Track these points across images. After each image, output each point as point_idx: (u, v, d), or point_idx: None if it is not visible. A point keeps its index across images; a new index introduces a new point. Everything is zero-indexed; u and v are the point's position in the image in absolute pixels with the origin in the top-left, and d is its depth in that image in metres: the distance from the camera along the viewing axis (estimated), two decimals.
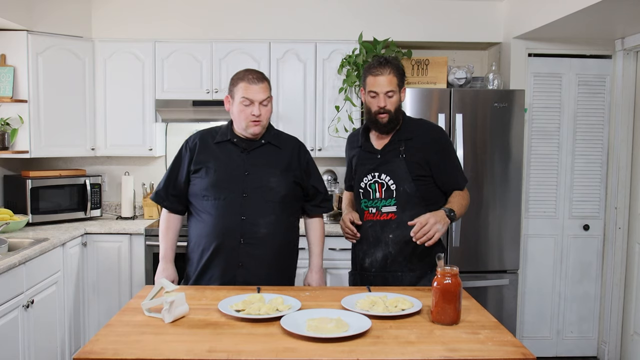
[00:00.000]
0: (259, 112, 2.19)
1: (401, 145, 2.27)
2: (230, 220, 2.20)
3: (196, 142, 2.31)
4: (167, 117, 3.80)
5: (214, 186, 2.22)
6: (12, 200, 3.70)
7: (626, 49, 3.64)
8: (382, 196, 2.27)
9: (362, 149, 2.35)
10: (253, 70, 2.25)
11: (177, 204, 2.34)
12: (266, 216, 2.22)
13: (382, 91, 2.21)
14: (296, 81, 3.83)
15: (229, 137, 2.28)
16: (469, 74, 3.69)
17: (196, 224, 2.28)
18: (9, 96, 3.50)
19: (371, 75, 2.23)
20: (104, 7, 3.83)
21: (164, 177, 2.36)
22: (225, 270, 2.21)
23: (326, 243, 3.54)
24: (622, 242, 3.74)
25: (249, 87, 2.18)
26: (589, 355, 3.93)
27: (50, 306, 3.08)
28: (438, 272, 1.75)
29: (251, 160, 2.26)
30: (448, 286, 1.72)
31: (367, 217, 2.30)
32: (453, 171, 2.32)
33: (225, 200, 2.20)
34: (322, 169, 4.05)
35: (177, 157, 2.35)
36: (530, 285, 3.88)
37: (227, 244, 2.20)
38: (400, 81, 2.25)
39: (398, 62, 2.28)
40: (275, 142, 2.32)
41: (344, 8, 3.86)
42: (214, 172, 2.23)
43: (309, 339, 1.57)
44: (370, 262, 2.29)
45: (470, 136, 3.44)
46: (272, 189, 2.24)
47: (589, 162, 3.85)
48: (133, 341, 1.57)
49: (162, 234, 2.36)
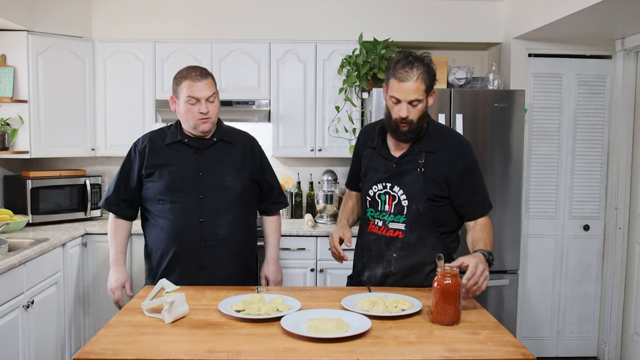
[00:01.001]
0: (206, 109, 2.14)
1: (421, 157, 2.04)
2: (188, 224, 2.16)
3: (145, 144, 2.25)
4: (167, 117, 3.80)
5: (169, 189, 2.17)
6: (12, 201, 3.70)
7: (626, 49, 3.64)
8: (391, 210, 2.06)
9: (376, 152, 2.14)
10: (196, 67, 2.18)
11: (128, 210, 2.29)
12: (224, 216, 2.19)
13: (405, 99, 1.94)
14: (296, 81, 3.83)
15: (180, 138, 2.23)
16: (469, 74, 3.68)
17: (152, 229, 2.23)
18: (9, 96, 3.50)
19: (396, 79, 1.95)
20: (104, 7, 3.83)
21: (113, 183, 2.29)
22: (187, 274, 2.18)
23: (326, 243, 3.56)
24: (622, 242, 3.74)
25: (193, 85, 2.12)
26: (589, 356, 3.93)
27: (50, 306, 3.08)
28: (438, 272, 1.74)
29: (205, 159, 2.21)
30: (448, 286, 1.71)
31: (372, 229, 2.12)
32: (475, 195, 2.07)
33: (182, 203, 2.16)
34: (322, 169, 4.07)
35: (125, 161, 2.27)
36: (530, 286, 3.88)
37: (187, 247, 2.17)
38: (428, 87, 1.96)
39: (429, 63, 1.98)
40: (227, 138, 2.27)
41: (344, 8, 3.86)
42: (168, 174, 2.18)
43: (309, 339, 1.57)
44: (369, 276, 2.15)
45: (470, 136, 3.44)
46: (229, 187, 2.20)
47: (589, 162, 3.85)
48: (133, 341, 1.57)
49: (111, 238, 2.31)
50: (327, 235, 3.54)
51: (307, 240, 3.55)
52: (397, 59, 1.98)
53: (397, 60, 1.98)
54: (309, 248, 3.55)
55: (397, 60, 1.98)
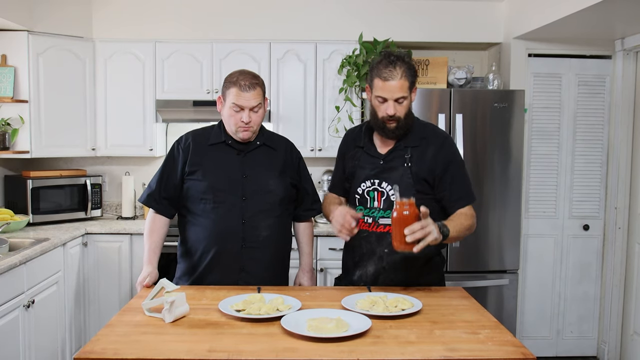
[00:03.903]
0: (248, 118, 2.13)
1: (407, 153, 2.09)
2: (231, 224, 2.15)
3: (189, 142, 2.24)
4: (167, 117, 3.81)
5: (212, 189, 2.16)
6: (12, 201, 3.70)
7: (626, 49, 3.64)
8: (380, 206, 2.10)
9: (364, 150, 2.17)
10: (246, 74, 2.15)
11: (169, 207, 2.25)
12: (266, 219, 2.20)
13: (392, 97, 2.00)
14: (296, 81, 3.84)
15: (224, 139, 2.23)
16: (469, 74, 3.69)
17: (192, 228, 2.22)
18: (9, 96, 3.50)
19: (380, 78, 2.00)
20: (104, 7, 3.83)
21: (155, 179, 2.25)
22: (227, 275, 2.17)
23: (326, 243, 3.56)
24: (622, 242, 3.75)
25: (240, 94, 2.10)
26: (588, 355, 3.93)
27: (51, 306, 3.09)
28: (397, 202, 1.85)
29: (248, 162, 2.21)
30: (406, 217, 1.82)
31: (362, 227, 2.11)
32: (457, 186, 2.10)
33: (225, 203, 2.16)
34: (322, 169, 4.07)
35: (168, 158, 2.25)
36: (530, 285, 3.89)
37: (229, 248, 2.16)
38: (411, 83, 2.03)
39: (409, 61, 2.04)
40: (269, 143, 2.27)
41: (344, 8, 3.86)
42: (212, 174, 2.18)
43: (309, 338, 1.57)
44: (360, 275, 2.15)
45: (470, 136, 3.45)
46: (271, 191, 2.20)
47: (589, 162, 3.85)
48: (133, 341, 1.57)
49: (146, 236, 2.24)
50: (327, 235, 3.55)
51: None
52: (378, 59, 2.05)
53: (378, 61, 2.04)
54: None
55: (379, 60, 2.04)
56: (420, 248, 1.83)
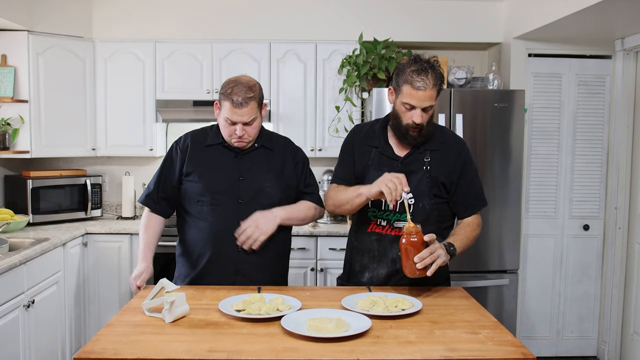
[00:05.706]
0: (242, 132, 2.10)
1: (426, 156, 2.07)
2: (227, 227, 2.14)
3: (187, 143, 2.22)
4: (167, 117, 3.81)
5: (208, 191, 2.15)
6: (12, 200, 3.70)
7: (626, 49, 3.64)
8: (396, 209, 2.06)
9: (379, 150, 2.12)
10: (241, 88, 2.07)
11: (167, 207, 2.25)
12: None
13: (420, 106, 1.96)
14: (296, 81, 3.84)
15: (221, 141, 2.21)
16: (469, 74, 3.69)
17: (189, 229, 2.21)
18: (9, 96, 3.50)
19: (411, 86, 1.95)
20: (104, 7, 3.83)
21: (153, 180, 2.25)
22: (224, 277, 2.17)
23: (326, 243, 3.56)
24: (622, 242, 3.75)
25: (233, 111, 2.07)
26: (588, 355, 3.93)
27: (51, 306, 3.09)
28: (404, 231, 1.88)
29: (245, 164, 2.19)
30: (414, 243, 1.87)
31: (374, 229, 2.11)
32: (471, 192, 2.11)
33: (222, 206, 2.15)
34: (322, 169, 4.07)
35: (167, 159, 2.25)
36: (530, 285, 3.89)
37: (225, 250, 2.15)
38: (439, 91, 2.00)
39: (439, 68, 2.00)
40: (267, 144, 2.25)
41: (344, 8, 3.86)
42: (208, 176, 2.17)
43: (309, 338, 1.57)
44: (370, 277, 2.13)
45: (470, 136, 3.44)
46: (268, 194, 2.19)
47: (589, 162, 3.85)
48: (133, 341, 1.57)
49: (141, 232, 2.23)
50: (327, 235, 3.55)
51: (308, 240, 3.55)
52: (408, 64, 1.98)
53: (408, 65, 1.98)
54: (309, 248, 3.55)
55: (408, 65, 1.98)
56: (432, 271, 1.86)
